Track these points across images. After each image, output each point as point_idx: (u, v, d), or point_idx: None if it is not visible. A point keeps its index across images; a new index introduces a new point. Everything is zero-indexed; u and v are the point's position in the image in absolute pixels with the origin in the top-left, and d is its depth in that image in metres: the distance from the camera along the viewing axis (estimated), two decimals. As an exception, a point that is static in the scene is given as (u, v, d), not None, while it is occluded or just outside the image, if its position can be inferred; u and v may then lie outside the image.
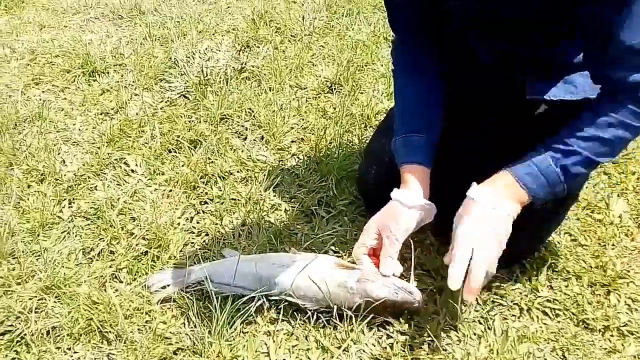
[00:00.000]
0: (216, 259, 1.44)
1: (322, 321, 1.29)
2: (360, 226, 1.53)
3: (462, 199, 1.38)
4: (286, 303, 1.31)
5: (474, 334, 1.29)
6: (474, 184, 1.25)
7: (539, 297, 1.39)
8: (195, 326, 1.27)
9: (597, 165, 1.24)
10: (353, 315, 1.26)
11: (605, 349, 1.29)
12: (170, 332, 1.28)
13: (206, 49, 2.30)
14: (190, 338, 1.27)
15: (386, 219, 1.32)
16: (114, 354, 1.24)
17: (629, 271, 1.47)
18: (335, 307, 1.27)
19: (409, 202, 1.32)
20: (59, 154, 1.82)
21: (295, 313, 1.31)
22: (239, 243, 1.51)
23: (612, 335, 1.32)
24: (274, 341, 1.27)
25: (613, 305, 1.38)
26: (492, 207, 1.20)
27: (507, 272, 1.42)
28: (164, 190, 1.66)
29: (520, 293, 1.39)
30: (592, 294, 1.41)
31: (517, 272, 1.43)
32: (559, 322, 1.34)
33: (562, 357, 1.27)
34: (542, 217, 1.35)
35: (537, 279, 1.42)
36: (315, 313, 1.29)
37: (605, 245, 1.54)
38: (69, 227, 1.55)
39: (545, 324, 1.34)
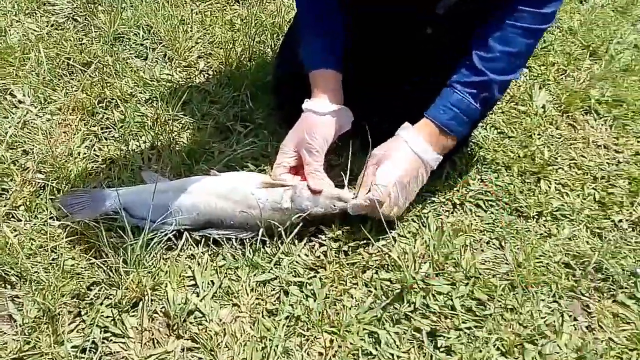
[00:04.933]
0: (130, 184, 1.30)
1: (249, 238, 1.19)
2: (281, 138, 1.43)
3: (379, 102, 1.31)
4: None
5: (409, 232, 1.23)
6: (407, 124, 1.21)
7: (471, 190, 1.34)
8: (108, 257, 1.14)
9: (511, 82, 1.25)
10: (282, 229, 1.17)
11: (541, 234, 1.27)
12: (82, 267, 1.15)
13: (92, -34, 2.06)
14: (104, 271, 1.14)
15: (301, 132, 1.23)
16: (19, 297, 1.10)
17: (556, 158, 1.46)
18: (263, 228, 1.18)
19: (321, 109, 1.24)
20: None
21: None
22: (150, 167, 1.37)
23: (546, 221, 1.30)
24: (199, 264, 1.16)
25: (544, 192, 1.36)
26: (418, 151, 1.18)
27: (437, 169, 1.36)
28: (59, 119, 1.48)
29: (452, 189, 1.34)
30: (522, 183, 1.38)
31: (447, 169, 1.37)
32: (492, 213, 1.31)
33: (499, 246, 1.24)
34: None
35: (467, 174, 1.38)
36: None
37: (531, 135, 1.52)
38: (-50, 169, 1.35)
39: (479, 216, 1.30)
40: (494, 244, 1.24)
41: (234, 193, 1.19)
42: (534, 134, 1.52)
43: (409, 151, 1.17)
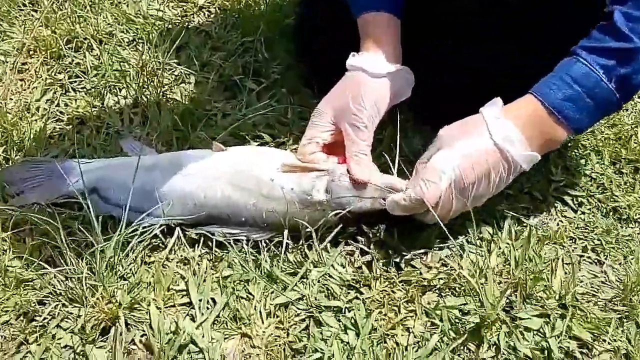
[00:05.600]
0: (103, 155, 0.98)
1: (265, 240, 0.87)
2: (305, 100, 1.10)
3: (449, 64, 0.99)
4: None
5: (480, 239, 0.91)
6: (497, 101, 0.85)
7: (554, 181, 1.03)
8: (68, 263, 0.81)
9: None
10: (312, 230, 0.85)
11: (649, 243, 0.96)
12: (32, 272, 0.83)
13: None
14: (63, 279, 0.81)
15: (344, 98, 0.90)
16: (-63, 315, 0.78)
17: (654, 141, 1.14)
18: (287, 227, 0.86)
19: (376, 68, 0.92)
20: None
21: (223, 230, 0.88)
22: (131, 132, 1.04)
23: (653, 226, 0.99)
24: (194, 273, 0.84)
25: (646, 186, 1.05)
26: (499, 140, 0.82)
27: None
28: (14, 63, 1.13)
29: (530, 178, 1.02)
30: (617, 173, 1.06)
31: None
32: (584, 213, 0.99)
33: (596, 260, 0.93)
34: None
35: (548, 160, 1.05)
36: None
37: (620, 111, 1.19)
38: None
39: (566, 216, 0.99)
40: (589, 258, 0.93)
41: (246, 178, 0.86)
42: (624, 110, 1.19)
43: (485, 137, 0.82)
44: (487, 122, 0.82)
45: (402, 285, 0.84)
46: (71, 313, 0.79)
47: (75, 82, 1.12)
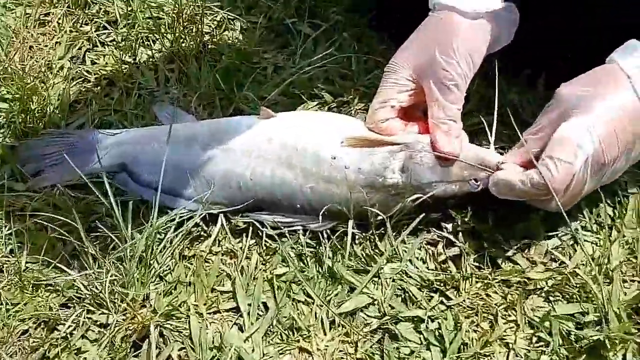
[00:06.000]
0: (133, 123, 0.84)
1: (326, 231, 0.71)
2: (372, 46, 0.92)
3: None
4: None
5: (599, 224, 0.72)
6: (632, 42, 0.65)
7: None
8: (91, 262, 0.68)
9: None
10: (385, 217, 0.69)
11: None
12: (53, 272, 0.70)
13: None
14: (86, 286, 0.68)
15: (429, 49, 0.71)
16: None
17: None
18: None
19: (472, 6, 0.72)
20: None
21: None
22: (167, 93, 0.89)
23: None
24: (242, 271, 0.70)
25: None
26: None
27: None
28: (34, 15, 0.99)
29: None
30: None
31: None
32: None
33: None
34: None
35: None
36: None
37: None
38: None
39: None
40: None
41: (300, 155, 0.70)
42: None
43: (629, 95, 0.63)
44: (630, 74, 0.62)
45: (499, 286, 0.67)
46: (97, 322, 0.67)
47: (104, 34, 0.98)
